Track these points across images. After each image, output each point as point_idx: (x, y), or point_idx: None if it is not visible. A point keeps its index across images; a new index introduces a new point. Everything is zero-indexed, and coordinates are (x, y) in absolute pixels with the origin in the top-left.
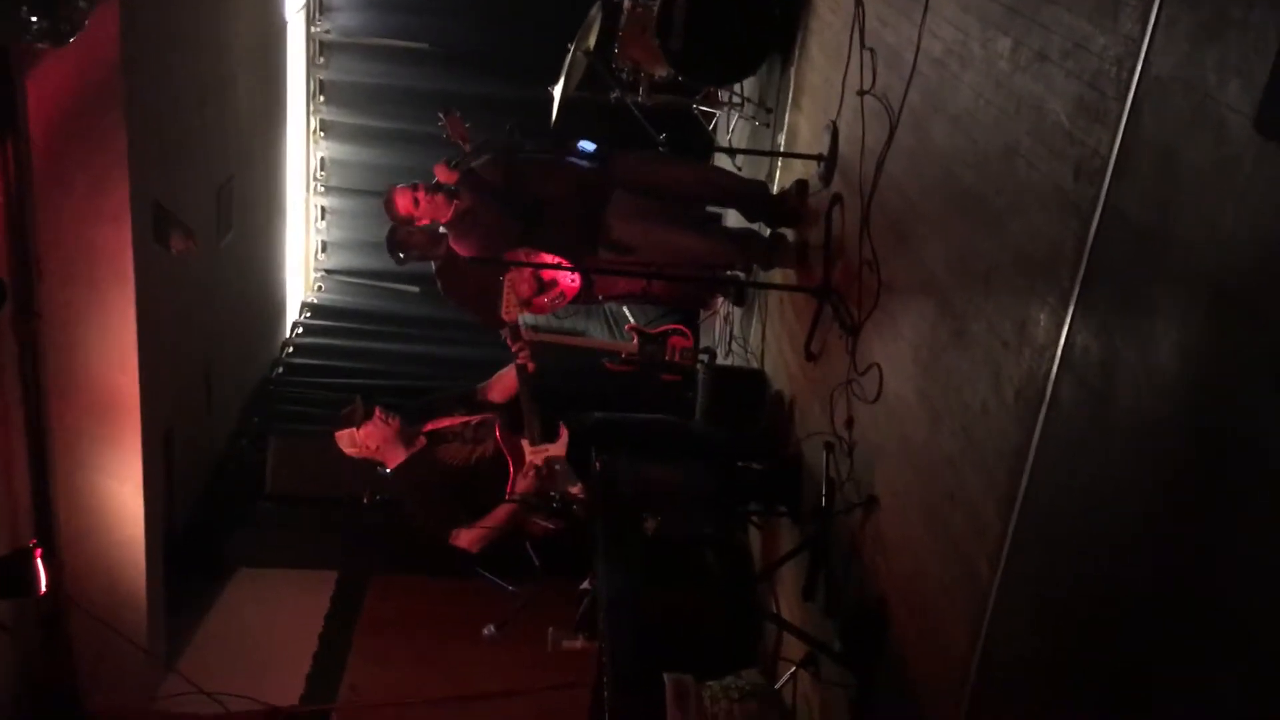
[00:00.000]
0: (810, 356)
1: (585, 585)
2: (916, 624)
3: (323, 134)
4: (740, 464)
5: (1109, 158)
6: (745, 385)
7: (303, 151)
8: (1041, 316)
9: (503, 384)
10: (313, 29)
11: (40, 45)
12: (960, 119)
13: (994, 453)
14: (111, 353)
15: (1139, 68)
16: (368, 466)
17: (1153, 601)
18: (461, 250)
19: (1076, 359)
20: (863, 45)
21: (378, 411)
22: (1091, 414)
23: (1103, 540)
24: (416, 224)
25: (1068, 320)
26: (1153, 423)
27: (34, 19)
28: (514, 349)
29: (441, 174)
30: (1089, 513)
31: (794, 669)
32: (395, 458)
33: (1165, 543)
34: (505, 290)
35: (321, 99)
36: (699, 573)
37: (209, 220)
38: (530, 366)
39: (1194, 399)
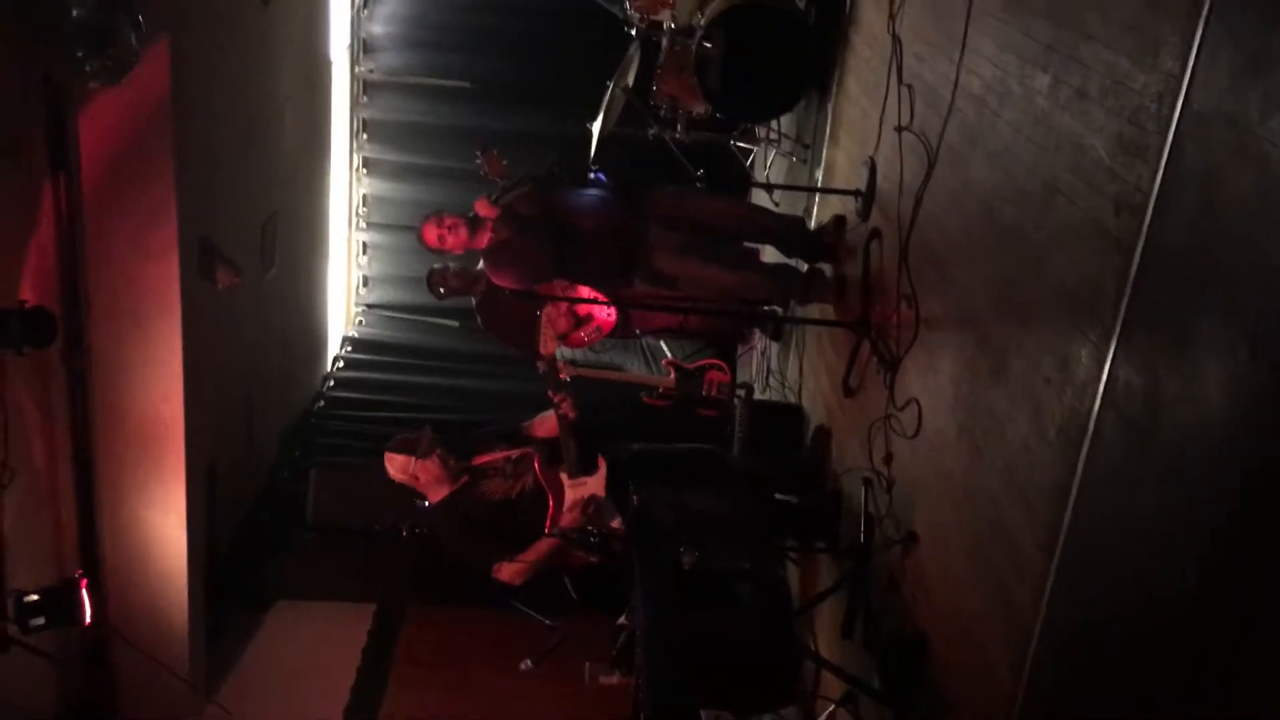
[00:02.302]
0: (848, 391)
1: (622, 620)
2: (958, 661)
3: (365, 171)
4: (778, 498)
5: (1150, 193)
6: (783, 420)
7: (345, 188)
8: (1083, 353)
9: (546, 422)
10: (356, 68)
11: (93, 84)
12: (999, 155)
13: (1035, 489)
14: (157, 385)
15: (1180, 103)
16: (407, 499)
17: (1200, 636)
18: (499, 281)
19: (1119, 395)
20: (900, 81)
21: (438, 451)
22: (1135, 450)
23: (1148, 575)
24: (446, 252)
25: (1110, 356)
26: (1197, 458)
27: (87, 59)
28: (555, 400)
29: (482, 209)
30: (1133, 548)
31: (833, 707)
32: (438, 493)
33: (1211, 577)
34: (543, 325)
35: (364, 136)
36: (737, 608)
37: (253, 255)
38: (571, 416)
39: (1239, 433)
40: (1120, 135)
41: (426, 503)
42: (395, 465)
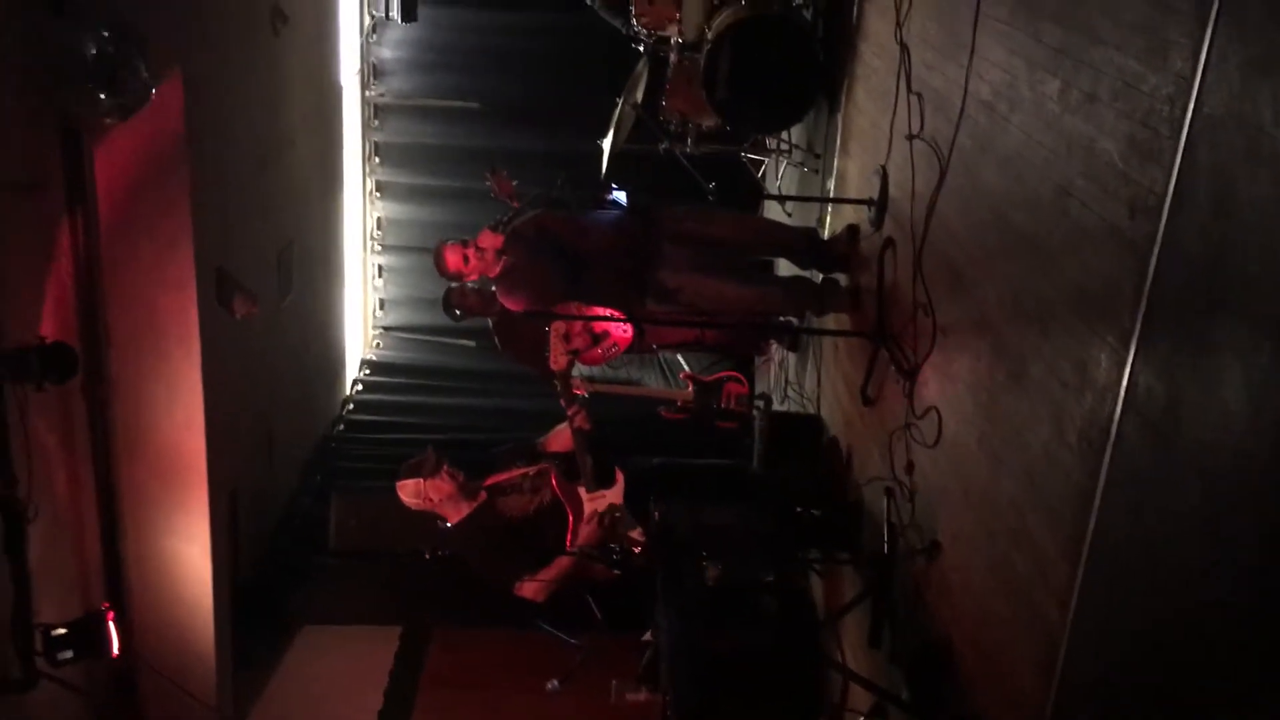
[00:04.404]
0: (867, 401)
1: (647, 637)
2: (985, 671)
3: (379, 194)
4: (799, 509)
5: (1165, 195)
6: (802, 431)
7: (360, 212)
8: (1102, 357)
9: (560, 436)
10: (367, 93)
11: (108, 120)
12: (1011, 160)
13: (1058, 495)
14: (178, 415)
15: (1191, 105)
16: (429, 521)
17: (1230, 641)
18: (511, 305)
19: (1140, 399)
20: (909, 89)
21: (445, 466)
22: (1158, 454)
23: (1176, 580)
24: (466, 279)
25: (1129, 360)
26: (1222, 461)
27: (102, 95)
28: (569, 412)
29: (486, 240)
30: (1161, 553)
31: (861, 719)
32: (457, 513)
33: (1240, 581)
34: (552, 340)
35: (377, 160)
36: (761, 621)
37: (270, 282)
38: (586, 428)
39: (1263, 435)
40: (1132, 138)
41: (447, 524)
42: (407, 491)
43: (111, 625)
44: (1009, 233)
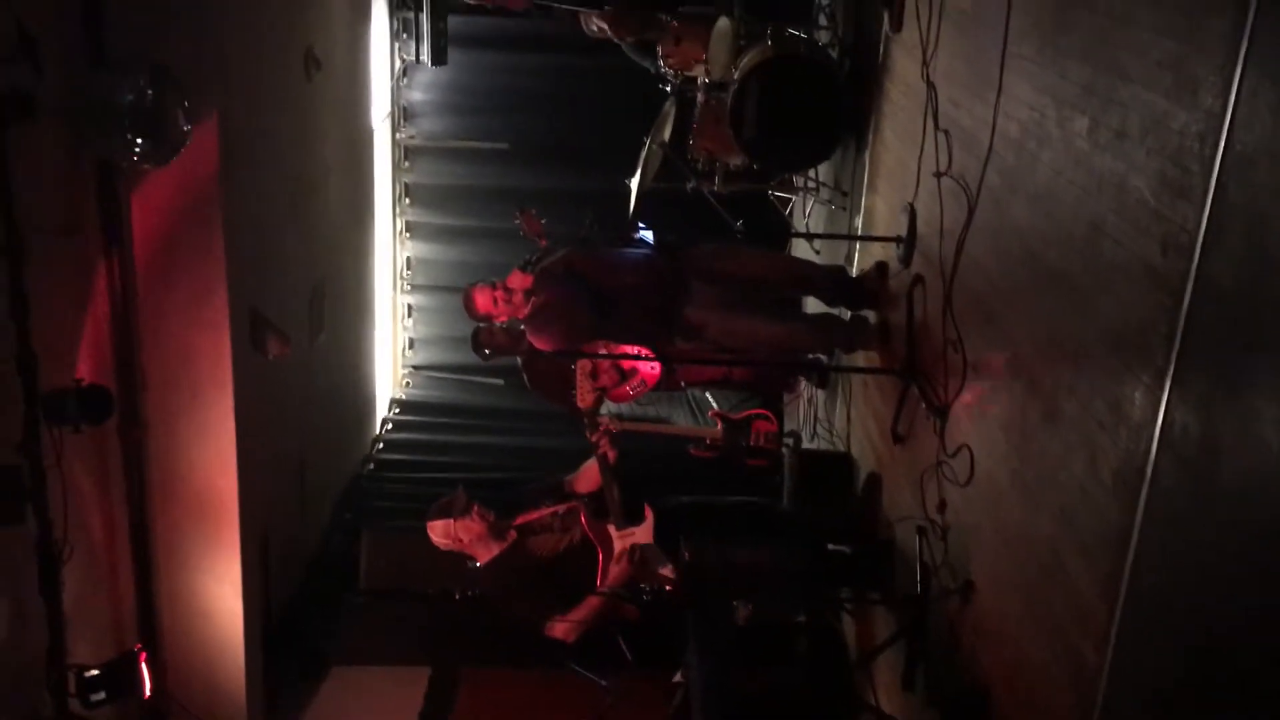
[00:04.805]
0: (898, 438)
1: (678, 678)
2: (1022, 715)
3: (409, 234)
4: (831, 548)
5: (1197, 233)
6: (832, 468)
7: (390, 252)
8: (1136, 395)
9: (588, 475)
10: (398, 135)
11: (145, 165)
12: (1041, 198)
13: (1094, 535)
14: (211, 456)
15: (1222, 143)
16: (459, 561)
17: (1273, 684)
18: (539, 345)
19: (1176, 437)
20: (936, 127)
21: (475, 507)
22: (1195, 493)
23: (1216, 621)
24: (495, 320)
25: (1164, 398)
26: (1261, 499)
27: (140, 142)
28: (593, 439)
29: (515, 281)
30: (1199, 594)
31: None
32: (487, 553)
33: None
34: (579, 378)
35: (407, 201)
36: (793, 661)
37: (302, 322)
38: (611, 456)
39: None
40: (1163, 175)
41: (477, 564)
42: (437, 532)
43: (144, 666)
44: (1040, 269)
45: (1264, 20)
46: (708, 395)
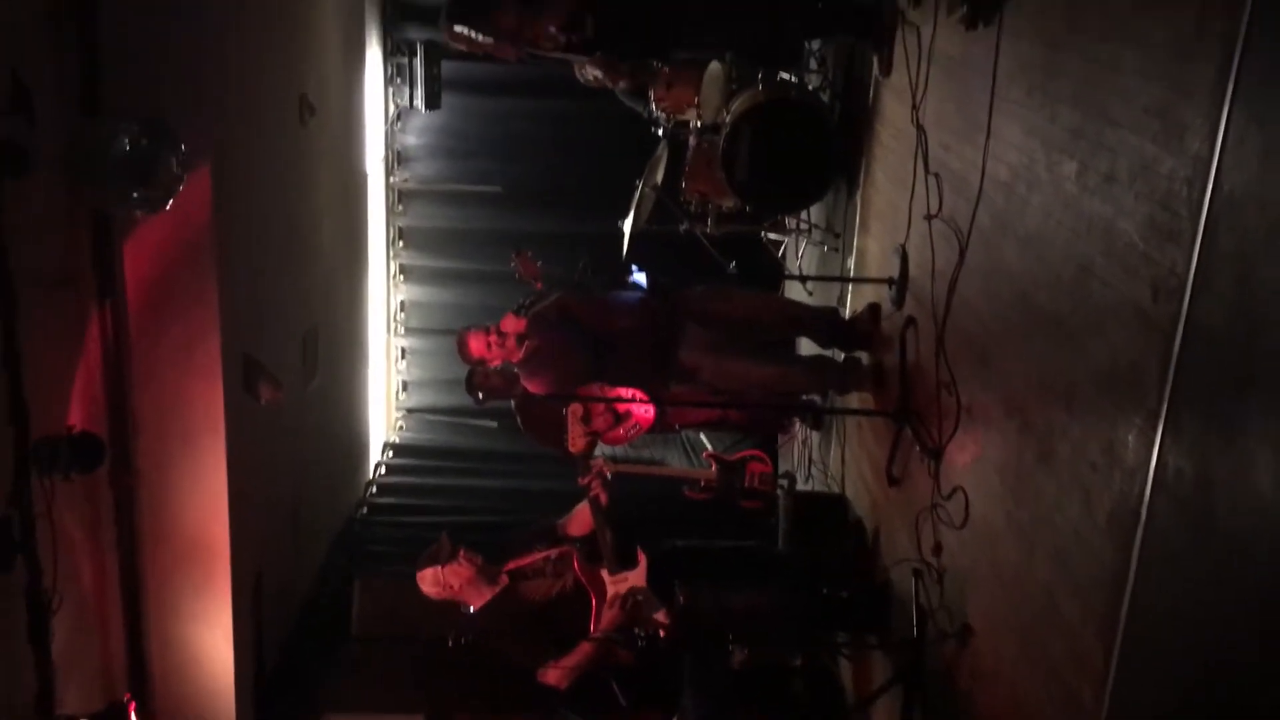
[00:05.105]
0: (892, 480)
1: None
2: None
3: (402, 278)
4: (826, 590)
5: (1187, 276)
6: (827, 510)
7: (384, 295)
8: (1130, 437)
9: (580, 519)
10: (391, 179)
11: (139, 213)
12: (1031, 241)
13: (1090, 578)
14: (204, 502)
15: (1210, 187)
16: (452, 607)
17: None
18: (533, 388)
19: (1169, 480)
20: (927, 171)
21: (461, 551)
22: (1190, 535)
23: (1213, 663)
24: (489, 364)
25: (1157, 441)
26: (1256, 543)
27: (134, 191)
28: (583, 483)
29: (509, 325)
30: (1197, 635)
31: None
32: (478, 599)
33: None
34: (570, 422)
35: (401, 244)
36: (790, 705)
37: (295, 366)
38: (603, 499)
39: None
40: (1152, 219)
41: (470, 609)
42: (427, 581)
43: (133, 716)
44: (1032, 312)
45: (1249, 66)
46: (702, 437)
